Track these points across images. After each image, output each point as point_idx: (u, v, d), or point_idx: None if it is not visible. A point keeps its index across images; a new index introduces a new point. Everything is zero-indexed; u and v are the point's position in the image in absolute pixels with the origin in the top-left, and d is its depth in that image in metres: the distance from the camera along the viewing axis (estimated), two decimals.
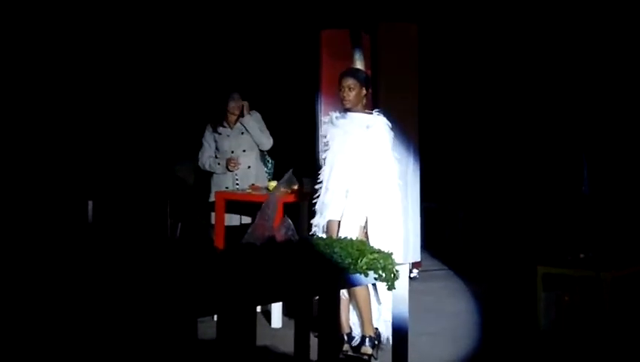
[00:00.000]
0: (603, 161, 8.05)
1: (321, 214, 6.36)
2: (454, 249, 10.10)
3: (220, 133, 8.13)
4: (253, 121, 8.13)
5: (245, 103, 8.07)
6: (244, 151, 8.13)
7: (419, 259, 8.92)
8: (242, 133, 8.12)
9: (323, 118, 6.76)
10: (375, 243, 5.57)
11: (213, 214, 7.98)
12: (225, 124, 8.14)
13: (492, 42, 10.36)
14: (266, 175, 8.33)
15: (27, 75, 8.54)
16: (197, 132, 8.28)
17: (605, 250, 6.99)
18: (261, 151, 8.31)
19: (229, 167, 8.07)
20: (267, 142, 8.24)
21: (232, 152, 8.09)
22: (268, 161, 8.38)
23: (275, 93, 9.89)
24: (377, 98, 8.21)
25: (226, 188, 8.06)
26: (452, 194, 10.89)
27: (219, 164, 8.10)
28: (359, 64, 8.24)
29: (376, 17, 8.51)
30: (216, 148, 8.16)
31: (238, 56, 9.95)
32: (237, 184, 8.08)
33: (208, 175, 8.23)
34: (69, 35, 8.85)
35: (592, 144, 7.40)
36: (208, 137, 8.17)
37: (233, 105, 8.11)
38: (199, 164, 8.19)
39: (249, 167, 8.15)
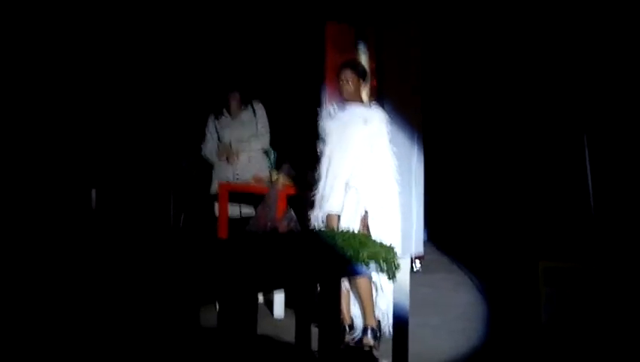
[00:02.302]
0: (607, 155, 8.05)
1: (320, 207, 6.35)
2: (457, 243, 10.11)
3: (220, 123, 8.18)
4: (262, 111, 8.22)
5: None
6: (243, 142, 8.15)
7: (422, 252, 8.94)
8: (243, 125, 8.15)
9: (321, 112, 6.74)
10: (375, 236, 5.59)
11: (215, 205, 8.01)
12: (226, 114, 8.18)
13: (493, 36, 10.37)
14: (268, 166, 8.34)
15: (33, 65, 8.57)
16: (202, 123, 8.31)
17: (607, 245, 6.99)
18: None
19: (228, 160, 8.10)
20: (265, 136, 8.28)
21: (231, 143, 8.12)
22: (270, 153, 8.39)
23: (280, 86, 9.89)
24: (381, 91, 8.24)
25: (227, 179, 8.10)
26: (456, 188, 10.90)
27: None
28: (363, 57, 8.26)
29: (381, 11, 8.53)
30: (219, 139, 8.20)
31: (243, 49, 9.95)
32: (237, 176, 8.09)
33: (211, 166, 8.26)
34: (76, 26, 8.87)
35: (596, 138, 7.39)
36: (211, 127, 8.22)
37: (232, 95, 8.16)
38: (202, 154, 8.23)
39: (249, 159, 8.16)
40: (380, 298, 6.30)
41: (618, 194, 8.02)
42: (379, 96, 8.01)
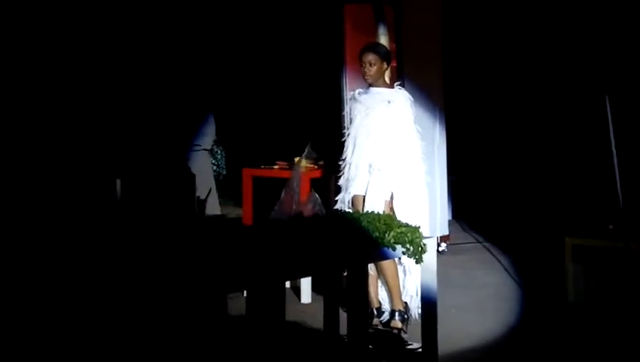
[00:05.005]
0: (631, 129, 7.98)
1: (346, 190, 6.38)
2: (483, 222, 10.07)
3: None
4: None
5: None
6: None
7: (447, 233, 8.91)
8: None
9: (347, 95, 6.74)
10: (401, 217, 5.57)
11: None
12: None
13: (515, 10, 10.29)
14: (214, 167, 8.23)
15: (56, 55, 8.59)
16: (222, 110, 8.31)
17: (635, 221, 6.94)
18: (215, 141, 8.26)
19: None
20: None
21: None
22: (217, 153, 8.27)
23: (300, 69, 9.87)
24: (402, 71, 8.20)
25: None
26: (479, 166, 10.86)
27: None
28: (383, 38, 8.21)
29: None
30: None
31: (263, 33, 9.93)
32: None
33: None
34: (100, 19, 8.89)
35: (620, 113, 7.34)
36: None
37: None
38: None
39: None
40: (408, 280, 6.30)
41: None
42: (399, 76, 7.97)
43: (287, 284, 7.05)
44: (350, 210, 6.15)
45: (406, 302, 6.28)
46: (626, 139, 7.40)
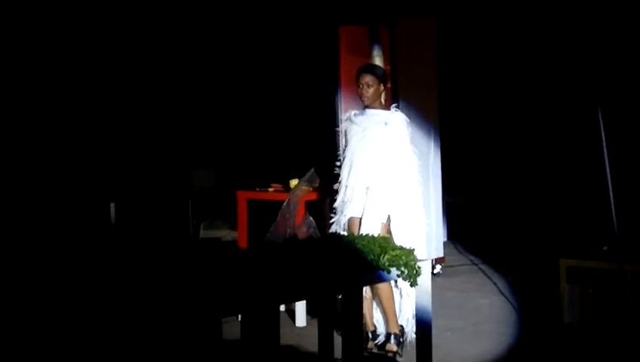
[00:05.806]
0: (625, 151, 8.00)
1: (342, 212, 6.35)
2: (478, 244, 10.07)
3: None
4: None
5: None
6: None
7: (442, 255, 8.90)
8: None
9: (342, 116, 6.74)
10: (398, 239, 5.57)
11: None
12: None
13: (509, 33, 10.33)
14: None
15: (50, 79, 8.60)
16: (218, 133, 8.31)
17: (629, 242, 6.95)
18: None
19: None
20: None
21: None
22: None
23: (295, 90, 9.89)
24: (397, 93, 8.21)
25: None
26: (474, 188, 10.87)
27: None
28: (378, 60, 8.22)
29: (394, 12, 8.49)
30: None
31: (257, 54, 9.95)
32: None
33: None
34: (94, 41, 8.90)
35: (614, 135, 7.35)
36: None
37: None
38: None
39: None
40: (404, 303, 6.28)
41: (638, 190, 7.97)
42: (394, 97, 7.98)
43: (282, 308, 7.04)
44: (345, 233, 6.14)
45: (402, 325, 6.26)
46: (620, 161, 7.41)
